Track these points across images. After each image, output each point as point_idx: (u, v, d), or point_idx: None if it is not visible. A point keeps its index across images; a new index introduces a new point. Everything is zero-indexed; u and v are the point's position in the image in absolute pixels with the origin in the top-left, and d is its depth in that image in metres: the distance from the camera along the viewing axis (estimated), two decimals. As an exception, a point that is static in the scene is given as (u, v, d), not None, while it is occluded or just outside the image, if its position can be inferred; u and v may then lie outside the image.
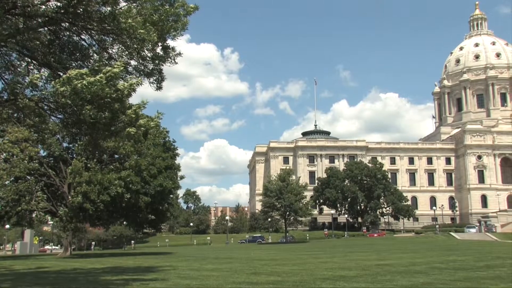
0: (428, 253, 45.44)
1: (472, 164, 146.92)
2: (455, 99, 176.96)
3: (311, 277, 24.28)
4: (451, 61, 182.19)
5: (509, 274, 25.50)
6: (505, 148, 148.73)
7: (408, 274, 25.38)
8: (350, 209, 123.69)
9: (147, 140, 48.92)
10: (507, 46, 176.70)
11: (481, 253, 45.51)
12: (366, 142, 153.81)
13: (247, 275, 25.72)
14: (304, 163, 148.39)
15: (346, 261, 35.85)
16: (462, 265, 30.83)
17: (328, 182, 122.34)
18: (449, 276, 24.61)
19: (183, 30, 18.17)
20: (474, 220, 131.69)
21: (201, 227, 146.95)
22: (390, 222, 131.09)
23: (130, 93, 15.78)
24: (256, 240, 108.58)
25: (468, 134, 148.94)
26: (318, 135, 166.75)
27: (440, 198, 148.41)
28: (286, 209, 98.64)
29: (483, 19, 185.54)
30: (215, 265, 34.49)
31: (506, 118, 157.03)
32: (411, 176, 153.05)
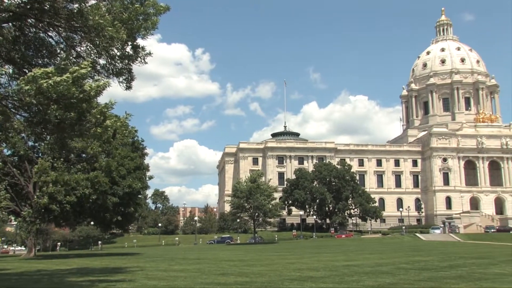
0: (394, 254, 46.09)
1: (438, 167, 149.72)
2: (422, 102, 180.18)
3: (279, 277, 24.36)
4: (419, 65, 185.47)
5: (470, 274, 26.10)
6: (469, 151, 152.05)
7: (374, 274, 25.70)
8: (318, 210, 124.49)
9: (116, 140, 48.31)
10: (471, 52, 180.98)
11: (444, 253, 46.43)
12: (335, 144, 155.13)
13: (215, 276, 25.66)
14: (273, 164, 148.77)
15: (314, 262, 36.09)
16: (427, 265, 31.41)
17: (297, 183, 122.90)
18: (414, 276, 25.03)
19: (153, 29, 18.00)
20: (439, 221, 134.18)
21: (170, 227, 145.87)
22: (358, 223, 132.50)
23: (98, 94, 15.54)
24: (224, 240, 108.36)
25: (434, 137, 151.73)
26: (287, 136, 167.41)
27: (406, 200, 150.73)
28: (255, 210, 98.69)
29: (449, 24, 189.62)
30: (183, 265, 34.30)
31: (470, 122, 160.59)
32: (378, 178, 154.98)
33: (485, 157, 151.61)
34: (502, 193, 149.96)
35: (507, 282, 22.97)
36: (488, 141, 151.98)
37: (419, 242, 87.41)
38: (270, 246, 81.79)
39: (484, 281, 23.10)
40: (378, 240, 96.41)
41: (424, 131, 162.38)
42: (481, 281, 23.02)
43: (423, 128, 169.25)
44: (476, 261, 35.40)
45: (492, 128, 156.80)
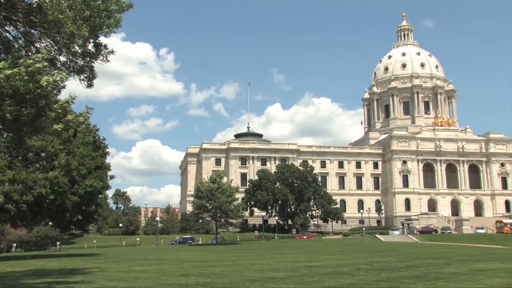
0: (354, 255, 46.72)
1: (398, 169, 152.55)
2: (383, 105, 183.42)
3: (240, 278, 24.38)
4: (380, 68, 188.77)
5: (426, 274, 26.74)
6: (427, 154, 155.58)
7: (335, 275, 26.00)
8: (280, 212, 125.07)
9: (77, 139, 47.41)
10: (431, 57, 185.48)
11: (403, 254, 47.37)
12: (297, 145, 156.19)
13: (176, 276, 25.49)
14: (236, 165, 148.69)
15: (276, 262, 36.26)
16: (386, 266, 31.98)
17: (259, 184, 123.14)
18: (373, 276, 25.45)
19: (116, 27, 17.75)
20: (398, 222, 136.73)
21: (131, 228, 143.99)
22: (319, 225, 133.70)
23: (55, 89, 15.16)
24: (186, 241, 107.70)
25: (395, 140, 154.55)
26: (250, 137, 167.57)
27: (367, 201, 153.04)
28: (217, 211, 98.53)
29: (410, 30, 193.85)
30: (143, 266, 33.93)
31: (428, 126, 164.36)
32: (340, 179, 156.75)
33: (443, 160, 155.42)
34: (458, 195, 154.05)
35: (460, 281, 23.63)
36: (445, 145, 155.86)
37: (379, 243, 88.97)
38: (232, 247, 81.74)
39: (439, 280, 23.69)
40: (339, 241, 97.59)
41: (385, 134, 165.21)
42: (436, 280, 23.60)
43: (384, 131, 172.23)
44: (432, 261, 36.27)
45: (449, 132, 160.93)
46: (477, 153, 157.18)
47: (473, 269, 30.80)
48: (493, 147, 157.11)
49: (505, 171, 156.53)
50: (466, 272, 28.38)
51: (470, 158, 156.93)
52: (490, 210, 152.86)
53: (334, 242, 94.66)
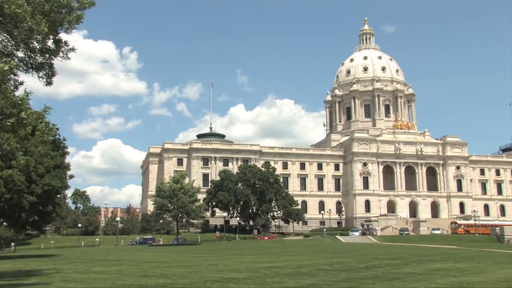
0: (315, 256, 47.20)
1: (358, 171, 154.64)
2: (345, 108, 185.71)
3: (201, 279, 24.31)
4: (343, 71, 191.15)
5: (384, 274, 27.26)
6: (387, 156, 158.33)
7: (295, 276, 26.20)
8: (242, 212, 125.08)
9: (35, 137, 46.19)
10: (391, 61, 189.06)
11: (362, 255, 48.12)
12: (260, 146, 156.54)
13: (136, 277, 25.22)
14: (198, 165, 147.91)
15: (237, 263, 36.29)
16: (345, 267, 32.44)
17: (221, 185, 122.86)
18: (333, 277, 25.77)
19: (77, 23, 17.42)
20: (358, 224, 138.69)
21: (90, 228, 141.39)
22: (281, 225, 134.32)
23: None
24: (147, 241, 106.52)
25: (356, 142, 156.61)
26: (213, 137, 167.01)
27: (328, 203, 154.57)
28: (178, 211, 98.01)
29: (371, 34, 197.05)
30: (103, 267, 33.42)
31: (389, 128, 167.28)
32: (302, 181, 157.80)
33: (402, 162, 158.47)
34: (416, 197, 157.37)
35: (416, 280, 24.20)
36: (405, 147, 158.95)
37: (339, 244, 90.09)
38: (193, 247, 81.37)
39: (396, 280, 24.19)
40: (300, 242, 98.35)
41: (347, 136, 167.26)
42: (394, 280, 24.09)
43: (345, 133, 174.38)
44: (391, 262, 37.00)
45: (408, 135, 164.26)
46: (434, 156, 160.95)
47: (429, 269, 31.59)
48: (449, 150, 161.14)
49: (460, 173, 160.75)
50: (422, 272, 29.07)
51: (428, 160, 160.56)
52: (446, 212, 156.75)
53: (295, 243, 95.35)
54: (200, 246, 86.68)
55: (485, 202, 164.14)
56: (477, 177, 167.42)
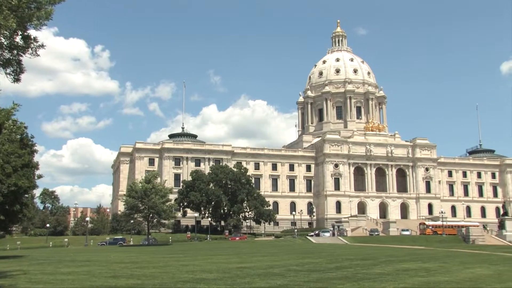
0: (286, 256, 47.38)
1: (330, 172, 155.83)
2: (317, 109, 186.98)
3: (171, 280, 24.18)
4: (315, 73, 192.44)
5: (354, 274, 27.55)
6: (358, 158, 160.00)
7: (266, 276, 26.26)
8: (213, 213, 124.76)
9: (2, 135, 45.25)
10: (363, 64, 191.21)
11: (332, 255, 48.52)
12: (232, 147, 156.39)
13: (105, 278, 24.92)
14: (170, 166, 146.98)
15: (208, 264, 36.19)
16: (316, 267, 32.65)
17: (193, 185, 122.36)
18: (304, 277, 25.92)
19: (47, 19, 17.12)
20: (329, 224, 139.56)
21: (59, 228, 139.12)
22: (252, 226, 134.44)
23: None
24: (117, 242, 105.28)
25: (327, 144, 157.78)
26: (185, 137, 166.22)
27: (299, 204, 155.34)
28: (149, 211, 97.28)
29: (344, 36, 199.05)
30: (71, 268, 32.91)
31: (360, 130, 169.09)
32: (273, 181, 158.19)
33: (373, 164, 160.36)
34: (386, 198, 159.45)
35: (385, 281, 24.51)
36: (375, 149, 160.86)
37: (310, 244, 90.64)
38: (163, 247, 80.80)
39: (366, 280, 24.46)
40: (271, 243, 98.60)
41: (318, 137, 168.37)
42: (363, 280, 24.35)
43: (317, 134, 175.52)
44: (361, 262, 37.39)
45: (379, 136, 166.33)
46: (404, 157, 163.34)
47: (398, 269, 32.04)
48: (419, 152, 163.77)
49: (429, 175, 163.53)
50: (391, 272, 29.47)
51: (398, 162, 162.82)
52: (414, 213, 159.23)
53: (266, 243, 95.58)
54: (171, 247, 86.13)
55: (452, 203, 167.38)
56: (445, 179, 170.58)
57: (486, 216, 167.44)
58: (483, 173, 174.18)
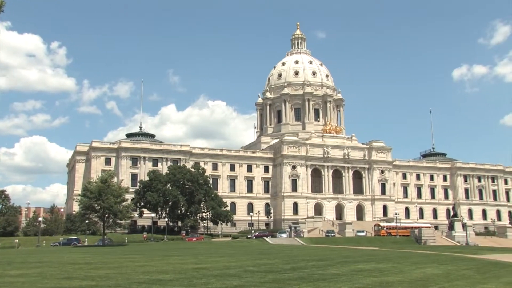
0: (242, 257, 47.49)
1: (287, 173, 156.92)
2: (276, 111, 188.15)
3: (126, 281, 23.92)
4: (274, 74, 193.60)
5: (310, 275, 27.89)
6: (316, 159, 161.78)
7: (222, 277, 26.29)
8: (171, 213, 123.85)
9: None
10: (322, 66, 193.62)
11: (289, 256, 48.93)
12: (190, 147, 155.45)
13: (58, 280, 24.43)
14: (127, 165, 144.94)
15: (164, 264, 35.93)
16: (272, 268, 32.88)
17: (150, 185, 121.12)
18: (260, 278, 26.08)
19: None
20: (286, 225, 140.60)
21: (9, 228, 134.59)
22: (209, 227, 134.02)
23: None
24: (71, 242, 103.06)
25: (285, 145, 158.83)
26: (143, 137, 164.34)
27: (257, 205, 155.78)
28: (105, 211, 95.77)
29: (303, 39, 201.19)
30: (21, 270, 32.03)
31: (318, 132, 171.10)
32: (231, 182, 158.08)
33: (330, 166, 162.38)
34: (342, 200, 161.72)
35: (341, 281, 24.94)
36: (332, 151, 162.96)
37: (267, 245, 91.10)
38: (119, 248, 79.66)
39: (322, 281, 24.82)
40: (228, 244, 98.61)
41: (277, 139, 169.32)
42: (319, 281, 24.70)
43: (275, 135, 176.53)
44: (316, 263, 37.87)
45: (336, 139, 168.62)
46: (360, 160, 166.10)
47: (352, 269, 32.62)
48: (375, 155, 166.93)
49: (385, 177, 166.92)
50: (346, 273, 29.98)
51: (354, 164, 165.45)
52: (370, 214, 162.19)
53: (223, 244, 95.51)
54: (126, 247, 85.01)
55: (406, 205, 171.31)
56: (400, 181, 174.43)
57: (438, 217, 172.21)
58: (435, 176, 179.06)
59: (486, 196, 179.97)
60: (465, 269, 37.56)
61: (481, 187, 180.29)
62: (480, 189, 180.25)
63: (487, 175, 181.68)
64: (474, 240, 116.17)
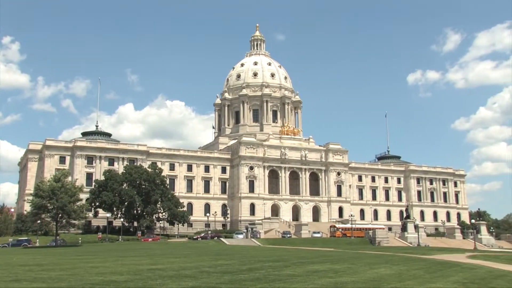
0: (198, 258, 47.35)
1: (245, 174, 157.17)
2: (234, 111, 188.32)
3: (80, 282, 23.51)
4: (233, 75, 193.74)
5: (266, 276, 28.08)
6: (273, 161, 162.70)
7: (178, 278, 26.16)
8: (126, 213, 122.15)
9: None
10: (280, 68, 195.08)
11: (245, 257, 49.07)
12: (147, 147, 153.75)
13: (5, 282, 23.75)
14: (82, 164, 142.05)
15: (118, 265, 35.46)
16: (228, 269, 32.90)
17: (106, 185, 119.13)
18: (216, 279, 26.08)
19: None
20: (242, 226, 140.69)
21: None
22: (166, 227, 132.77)
23: None
24: (21, 243, 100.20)
25: (243, 146, 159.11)
26: (99, 136, 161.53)
27: (214, 205, 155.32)
28: (58, 211, 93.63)
29: (262, 40, 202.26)
30: (-32, 272, 30.94)
31: (276, 134, 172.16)
32: (188, 182, 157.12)
33: (287, 167, 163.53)
34: (299, 201, 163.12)
35: (296, 282, 25.21)
36: (290, 153, 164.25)
37: (223, 246, 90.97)
38: (72, 249, 78.01)
39: (277, 282, 25.02)
40: (184, 244, 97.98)
41: (234, 140, 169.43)
42: (275, 282, 24.90)
43: (233, 136, 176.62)
44: (272, 264, 38.11)
45: (294, 140, 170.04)
46: (317, 162, 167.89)
47: (308, 270, 33.01)
48: (331, 157, 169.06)
49: (341, 179, 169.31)
50: (302, 274, 30.31)
51: (311, 166, 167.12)
52: (326, 216, 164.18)
53: (180, 245, 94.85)
54: (80, 248, 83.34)
55: (361, 207, 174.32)
56: (355, 183, 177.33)
57: (391, 219, 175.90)
58: (390, 178, 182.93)
59: (437, 198, 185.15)
60: (416, 269, 38.60)
61: (433, 189, 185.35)
62: (432, 192, 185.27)
63: (439, 178, 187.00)
64: (425, 241, 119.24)
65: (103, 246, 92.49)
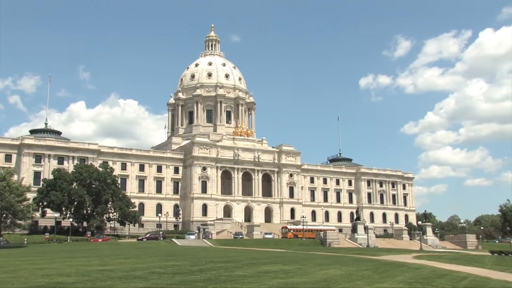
0: (149, 259, 46.85)
1: (197, 175, 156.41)
2: (187, 112, 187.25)
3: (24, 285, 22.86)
4: (187, 75, 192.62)
5: (217, 277, 28.09)
6: (226, 161, 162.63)
7: (128, 279, 25.82)
8: (76, 213, 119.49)
9: None
10: (235, 69, 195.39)
11: (197, 258, 48.88)
12: (98, 146, 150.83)
13: None
14: (29, 163, 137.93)
15: (66, 266, 34.68)
16: (180, 270, 32.71)
17: (54, 184, 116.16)
18: (167, 280, 25.89)
19: None
20: (194, 227, 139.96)
21: None
22: (116, 228, 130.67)
23: None
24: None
25: (196, 146, 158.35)
26: (48, 134, 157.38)
27: (166, 206, 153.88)
28: (3, 211, 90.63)
29: (217, 41, 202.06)
30: None
31: (229, 134, 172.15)
32: (140, 182, 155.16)
33: (240, 168, 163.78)
34: (252, 202, 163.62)
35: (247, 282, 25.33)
36: (243, 154, 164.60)
37: (175, 247, 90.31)
38: (17, 250, 75.60)
39: (229, 282, 25.07)
40: (135, 245, 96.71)
41: (188, 140, 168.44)
42: (226, 283, 24.93)
43: (187, 136, 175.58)
44: (224, 265, 38.14)
45: (247, 142, 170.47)
46: (270, 163, 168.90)
47: (259, 271, 33.20)
48: (284, 158, 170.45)
49: (293, 181, 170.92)
50: (253, 275, 30.46)
51: (264, 167, 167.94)
52: (278, 217, 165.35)
53: (130, 245, 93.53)
54: (26, 249, 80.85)
55: (313, 208, 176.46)
56: (308, 185, 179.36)
57: (342, 220, 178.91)
58: (341, 180, 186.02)
59: (386, 200, 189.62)
60: (365, 269, 39.45)
61: (382, 191, 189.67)
62: (382, 194, 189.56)
63: (388, 181, 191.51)
64: (375, 242, 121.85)
65: (51, 247, 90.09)
